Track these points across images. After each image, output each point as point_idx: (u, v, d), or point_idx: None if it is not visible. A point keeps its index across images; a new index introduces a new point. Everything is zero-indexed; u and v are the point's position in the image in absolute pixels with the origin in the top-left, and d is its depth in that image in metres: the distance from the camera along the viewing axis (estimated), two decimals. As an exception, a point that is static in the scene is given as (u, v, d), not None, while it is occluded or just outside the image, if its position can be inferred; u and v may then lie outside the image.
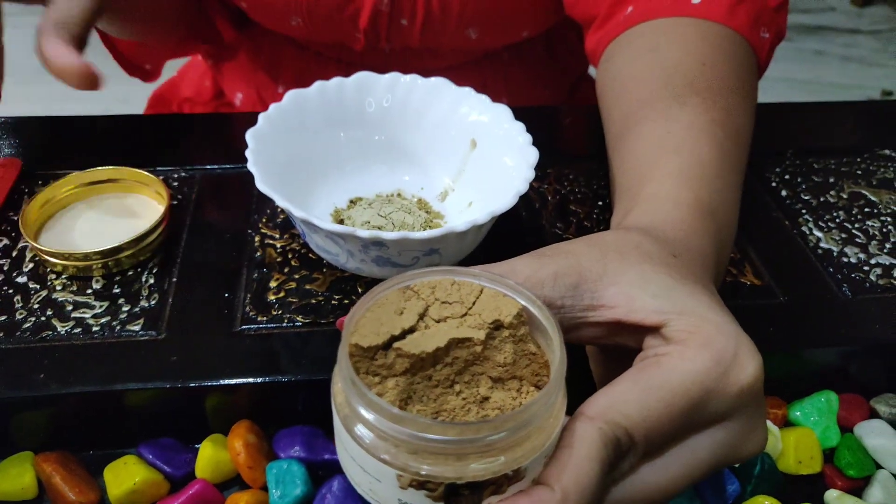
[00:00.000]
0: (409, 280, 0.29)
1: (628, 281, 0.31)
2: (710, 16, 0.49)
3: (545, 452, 0.27)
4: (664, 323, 0.30)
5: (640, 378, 0.29)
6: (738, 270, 0.50)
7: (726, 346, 0.29)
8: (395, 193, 0.53)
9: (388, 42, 0.68)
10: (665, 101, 0.44)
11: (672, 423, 0.28)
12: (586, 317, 0.31)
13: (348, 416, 0.27)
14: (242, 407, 0.42)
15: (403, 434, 0.25)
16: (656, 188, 0.39)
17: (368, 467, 0.26)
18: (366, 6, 0.64)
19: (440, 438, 0.24)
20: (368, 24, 0.65)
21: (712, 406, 0.29)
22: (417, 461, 0.25)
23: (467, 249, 0.45)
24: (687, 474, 0.30)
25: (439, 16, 0.65)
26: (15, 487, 0.39)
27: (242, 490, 0.40)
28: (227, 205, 0.53)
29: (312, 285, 0.47)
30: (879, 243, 0.53)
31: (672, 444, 0.30)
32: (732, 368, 0.29)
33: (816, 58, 2.37)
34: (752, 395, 0.30)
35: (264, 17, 0.68)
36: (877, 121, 0.68)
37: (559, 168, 0.58)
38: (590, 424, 0.27)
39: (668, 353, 0.30)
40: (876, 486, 0.42)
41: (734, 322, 0.31)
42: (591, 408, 0.28)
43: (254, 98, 0.77)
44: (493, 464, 0.25)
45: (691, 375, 0.29)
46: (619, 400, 0.28)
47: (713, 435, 0.30)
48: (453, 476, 0.25)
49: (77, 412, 0.41)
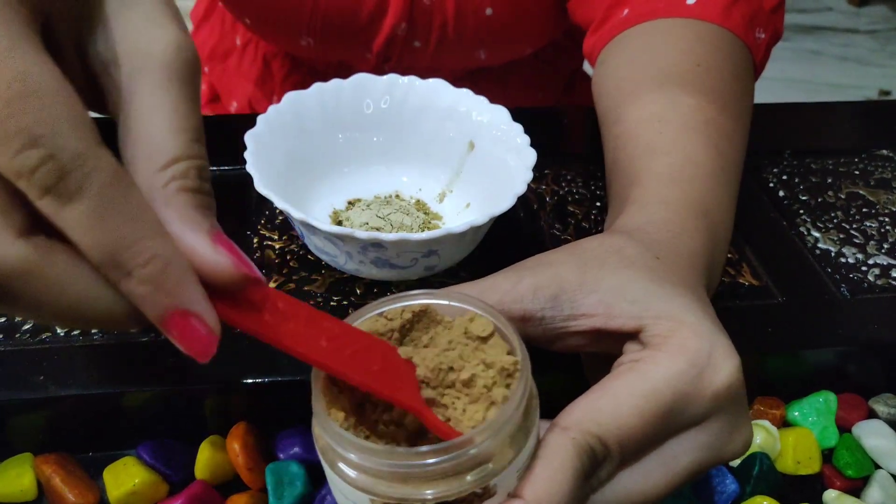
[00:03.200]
0: (382, 307, 0.30)
1: (607, 288, 0.31)
2: (704, 17, 0.50)
3: (517, 467, 0.27)
4: (641, 328, 0.30)
5: (612, 385, 0.29)
6: (736, 271, 0.50)
7: (700, 348, 0.29)
8: (393, 195, 0.53)
9: (397, 63, 0.68)
10: (659, 102, 0.44)
11: (646, 428, 0.28)
12: (568, 326, 0.31)
13: (324, 448, 0.27)
14: (241, 408, 0.42)
15: (367, 461, 0.25)
16: (644, 190, 0.39)
17: (347, 494, 0.27)
18: (383, 30, 0.64)
19: (401, 463, 0.25)
20: (382, 46, 0.66)
21: (689, 409, 0.29)
22: (386, 486, 0.26)
23: (465, 250, 0.46)
24: (668, 479, 0.30)
25: (454, 39, 0.65)
26: (14, 489, 0.39)
27: (241, 491, 0.40)
28: (225, 206, 0.52)
29: (311, 286, 0.47)
30: (877, 243, 0.53)
31: (650, 449, 0.30)
32: (707, 370, 0.29)
33: (813, 57, 2.37)
34: (731, 395, 0.30)
35: (272, 34, 0.68)
36: (874, 121, 0.68)
37: (557, 169, 0.58)
38: (562, 435, 0.27)
39: (642, 359, 0.30)
40: (874, 486, 0.42)
41: (713, 323, 0.31)
42: (564, 418, 0.28)
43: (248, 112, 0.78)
44: (461, 483, 0.25)
45: (663, 380, 0.29)
46: (591, 408, 0.28)
47: (693, 438, 0.30)
48: (419, 498, 0.25)
49: (76, 414, 0.41)
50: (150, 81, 0.24)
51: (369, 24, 0.64)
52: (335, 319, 0.28)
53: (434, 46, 0.66)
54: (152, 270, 0.22)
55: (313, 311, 0.27)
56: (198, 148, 0.25)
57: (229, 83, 0.79)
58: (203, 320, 0.23)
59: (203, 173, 0.25)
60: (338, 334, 0.27)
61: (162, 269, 0.22)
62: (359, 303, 0.46)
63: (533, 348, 0.29)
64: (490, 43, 0.67)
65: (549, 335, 0.32)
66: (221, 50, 0.79)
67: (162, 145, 0.24)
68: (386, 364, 0.27)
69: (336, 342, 0.27)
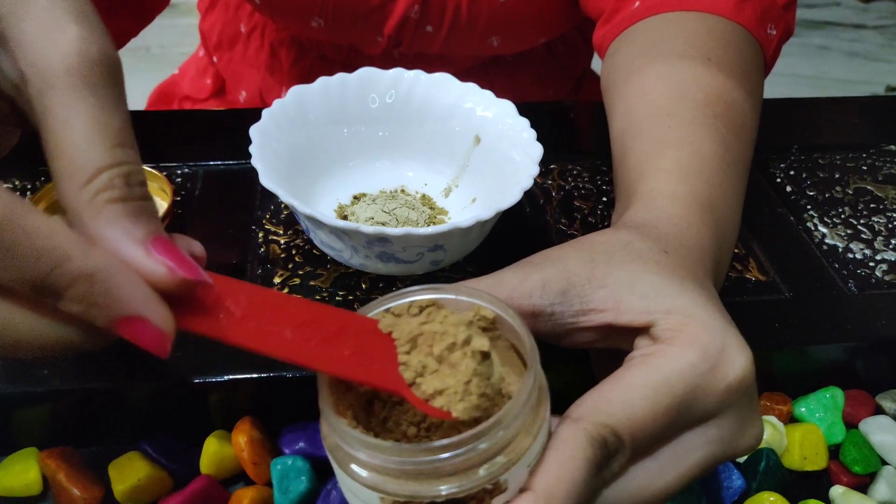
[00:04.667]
0: (389, 302, 0.29)
1: (616, 283, 0.31)
2: (716, 10, 0.49)
3: (528, 461, 0.26)
4: (652, 323, 0.30)
5: (623, 377, 0.29)
6: (743, 266, 0.50)
7: (712, 342, 0.29)
8: (398, 189, 0.53)
9: (408, 48, 0.68)
10: (668, 95, 0.44)
11: (658, 421, 0.28)
12: (577, 322, 0.31)
13: (332, 445, 0.27)
14: (246, 403, 0.42)
15: (377, 459, 0.25)
16: (653, 183, 0.39)
17: (357, 492, 0.27)
18: (395, 13, 0.64)
19: (411, 460, 0.25)
20: (394, 29, 0.65)
21: (701, 403, 0.29)
22: (396, 483, 0.25)
23: (471, 245, 0.45)
24: (681, 473, 0.29)
25: (466, 24, 0.65)
26: (19, 483, 0.39)
27: (247, 486, 0.40)
28: (230, 201, 0.53)
29: (317, 281, 0.47)
30: (885, 239, 0.53)
31: (663, 443, 0.29)
32: (720, 364, 0.29)
33: (821, 53, 2.36)
34: (743, 390, 0.30)
35: (281, 16, 0.67)
36: (882, 116, 0.67)
37: (563, 164, 0.58)
38: (574, 425, 0.27)
39: (653, 353, 0.29)
40: (881, 482, 0.42)
41: (724, 318, 0.31)
42: (575, 410, 0.28)
43: (257, 101, 0.77)
44: (473, 478, 0.25)
45: (676, 372, 0.28)
46: (602, 399, 0.28)
47: (705, 432, 0.30)
48: (431, 495, 0.25)
49: (81, 408, 0.41)
50: (59, 94, 0.24)
51: (382, 5, 0.64)
52: (307, 303, 0.27)
53: (446, 32, 0.66)
54: (79, 289, 0.23)
55: (281, 298, 0.27)
56: (120, 153, 0.24)
57: (236, 72, 0.78)
58: (147, 322, 0.24)
59: (131, 178, 0.24)
60: (307, 321, 0.27)
61: (88, 286, 0.23)
62: (364, 297, 0.46)
63: (540, 343, 0.29)
64: (503, 31, 0.67)
65: (559, 331, 0.32)
66: (227, 37, 0.78)
67: (80, 161, 0.23)
68: (360, 344, 0.27)
69: (303, 331, 0.26)
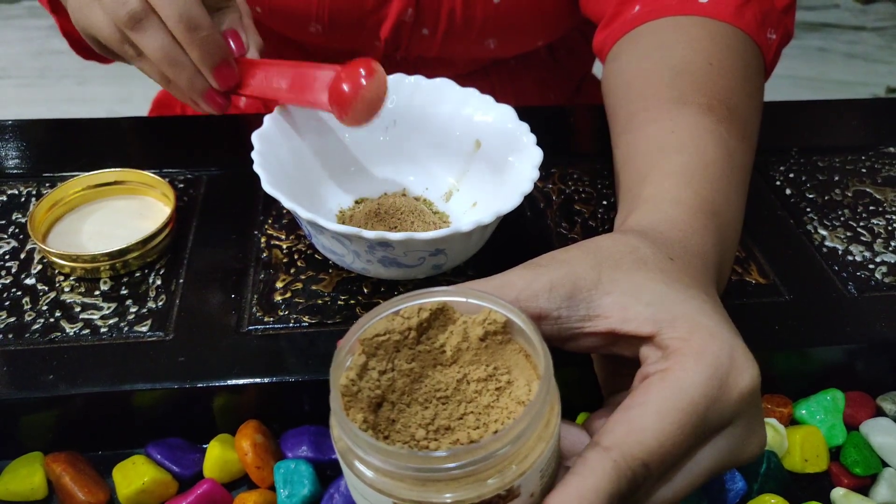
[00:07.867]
0: (398, 305, 0.29)
1: (622, 290, 0.31)
2: (717, 15, 0.49)
3: (540, 466, 0.26)
4: (657, 332, 0.30)
5: (651, 401, 0.28)
6: (744, 269, 0.50)
7: (720, 352, 0.29)
8: (399, 193, 0.53)
9: (406, 51, 0.68)
10: (670, 100, 0.44)
11: (685, 442, 0.28)
12: (583, 327, 0.31)
13: (343, 450, 0.27)
14: (250, 407, 0.42)
15: (387, 464, 0.25)
16: (657, 188, 0.39)
17: (367, 495, 0.27)
18: (389, 16, 0.64)
19: (421, 467, 0.25)
20: (390, 33, 0.66)
21: (716, 416, 0.29)
22: (406, 489, 0.25)
23: (472, 249, 0.46)
24: (690, 484, 0.29)
25: (461, 27, 0.65)
26: (25, 488, 0.40)
27: (250, 490, 0.40)
28: (233, 206, 0.53)
29: (319, 286, 0.47)
30: (885, 241, 0.53)
31: (684, 462, 0.29)
32: (731, 375, 0.29)
33: (821, 55, 2.37)
34: (752, 399, 0.30)
35: (282, 22, 0.68)
36: (881, 118, 0.68)
37: (563, 168, 0.58)
38: (605, 455, 0.27)
39: (670, 368, 0.29)
40: (882, 483, 0.42)
41: (729, 325, 0.31)
42: (606, 437, 0.28)
43: (259, 107, 0.78)
44: (482, 487, 0.25)
45: (698, 389, 0.28)
46: (634, 428, 0.28)
47: (715, 443, 0.30)
48: (438, 502, 0.25)
49: (86, 413, 0.41)
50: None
51: (376, 9, 0.65)
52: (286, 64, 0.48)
53: (442, 34, 0.66)
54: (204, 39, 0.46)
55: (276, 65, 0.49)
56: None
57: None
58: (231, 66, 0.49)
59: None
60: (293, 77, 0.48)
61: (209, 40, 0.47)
62: (366, 302, 0.46)
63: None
64: (499, 32, 0.67)
65: (564, 335, 0.31)
66: None
67: None
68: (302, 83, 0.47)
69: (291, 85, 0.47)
